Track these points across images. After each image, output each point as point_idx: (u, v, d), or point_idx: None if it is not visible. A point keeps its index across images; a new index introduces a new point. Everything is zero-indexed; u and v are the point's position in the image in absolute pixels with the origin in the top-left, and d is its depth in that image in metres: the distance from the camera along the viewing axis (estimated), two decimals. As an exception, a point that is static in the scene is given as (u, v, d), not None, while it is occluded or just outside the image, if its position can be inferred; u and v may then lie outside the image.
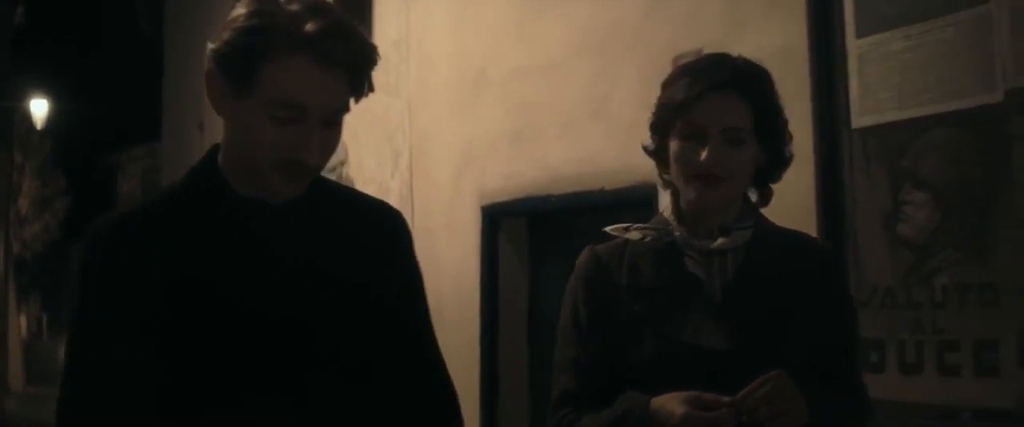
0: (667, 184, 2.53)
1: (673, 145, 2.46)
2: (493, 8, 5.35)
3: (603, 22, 4.78)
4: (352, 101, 2.02)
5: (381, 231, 2.20)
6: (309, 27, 1.93)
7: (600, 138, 4.76)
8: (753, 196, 2.55)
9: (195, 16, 15.43)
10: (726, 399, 2.25)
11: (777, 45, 3.88)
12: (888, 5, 3.75)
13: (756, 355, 2.37)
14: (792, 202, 3.74)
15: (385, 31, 6.72)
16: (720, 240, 2.46)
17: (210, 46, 2.00)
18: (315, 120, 1.97)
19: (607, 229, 2.61)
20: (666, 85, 2.50)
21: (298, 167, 2.00)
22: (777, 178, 2.54)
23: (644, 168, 4.64)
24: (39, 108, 25.58)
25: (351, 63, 1.97)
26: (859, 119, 3.83)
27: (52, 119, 26.63)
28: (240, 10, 1.99)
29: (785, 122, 2.49)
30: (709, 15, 4.26)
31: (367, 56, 2.00)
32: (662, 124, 2.51)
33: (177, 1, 17.33)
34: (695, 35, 4.31)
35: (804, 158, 3.72)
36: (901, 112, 3.73)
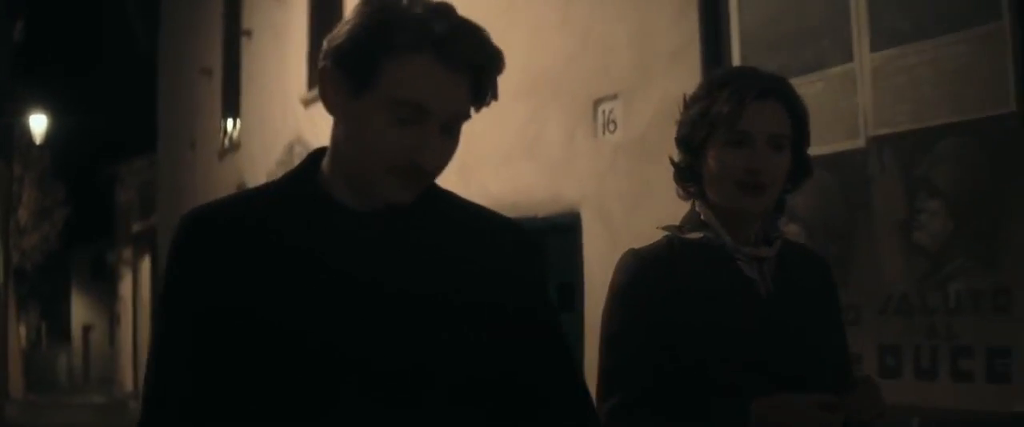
0: (689, 196, 2.52)
1: (715, 154, 2.45)
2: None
3: (534, 70, 5.40)
4: (472, 110, 1.91)
5: (500, 250, 1.99)
6: (437, 27, 1.85)
7: (533, 171, 5.41)
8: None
9: (188, 35, 15.54)
10: (838, 401, 2.27)
11: (677, 93, 4.38)
12: (903, 20, 3.91)
13: (807, 356, 2.39)
14: None
15: None
16: (763, 247, 2.47)
17: (327, 44, 1.89)
18: (436, 123, 1.86)
19: (660, 226, 2.60)
20: (699, 99, 2.49)
21: (416, 172, 1.88)
22: (798, 186, 2.56)
23: (569, 197, 5.21)
24: (38, 123, 25.36)
25: (477, 66, 1.88)
26: (875, 129, 3.99)
27: (51, 132, 26.60)
28: (363, 8, 1.89)
29: (809, 130, 2.53)
30: (621, 66, 4.87)
31: (493, 60, 1.90)
32: (700, 137, 2.48)
33: (171, 20, 17.39)
34: (610, 84, 4.96)
35: None
36: (916, 123, 3.86)
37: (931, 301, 3.76)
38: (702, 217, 2.48)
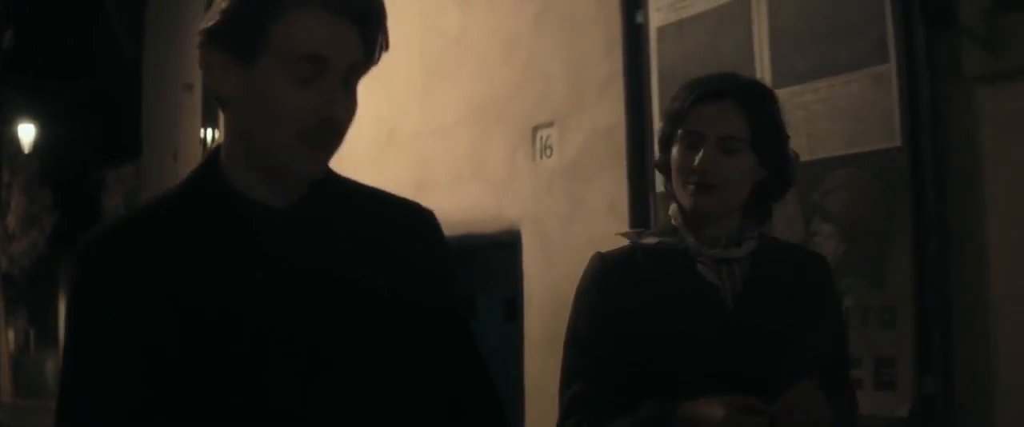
0: (671, 196, 2.54)
1: (673, 153, 2.48)
2: (401, 80, 6.26)
3: (480, 98, 5.72)
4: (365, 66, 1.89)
5: (405, 232, 2.00)
6: None
7: (478, 192, 5.67)
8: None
9: (170, 51, 15.55)
10: (763, 405, 2.26)
11: (605, 122, 4.84)
12: (800, 62, 4.11)
13: (771, 361, 2.38)
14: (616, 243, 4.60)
15: None
16: (733, 249, 2.47)
17: (202, 30, 1.85)
18: (336, 76, 1.83)
19: (620, 233, 2.65)
20: (672, 99, 2.53)
21: (325, 131, 1.84)
22: (778, 196, 2.59)
23: (511, 216, 5.50)
24: (27, 133, 25.52)
25: (363, 14, 1.84)
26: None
27: (39, 140, 26.53)
28: None
29: (785, 140, 2.52)
30: (558, 97, 5.19)
31: (378, 8, 1.87)
32: (666, 136, 2.53)
33: (155, 36, 17.43)
34: (548, 112, 5.27)
35: (619, 211, 4.78)
36: (812, 154, 3.97)
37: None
38: (672, 220, 2.52)
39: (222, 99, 1.85)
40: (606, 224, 4.81)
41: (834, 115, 3.91)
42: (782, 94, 3.90)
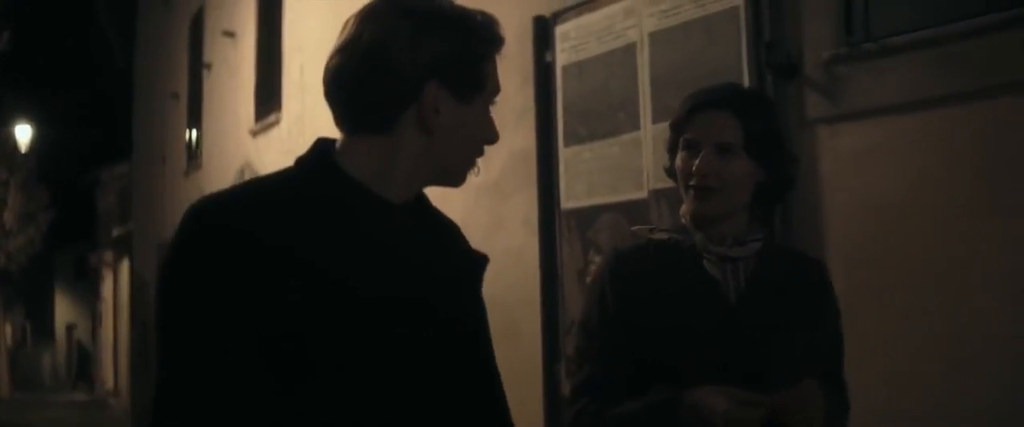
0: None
1: (677, 159, 2.53)
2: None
3: None
4: None
5: (463, 246, 2.05)
6: (494, 24, 1.93)
7: (440, 205, 6.19)
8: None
9: (159, 61, 16.04)
10: (764, 398, 2.25)
11: (520, 147, 5.14)
12: (581, 128, 4.70)
13: (769, 356, 2.40)
14: (527, 258, 5.22)
15: (289, 107, 8.18)
16: (737, 247, 2.49)
17: (424, 74, 1.84)
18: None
19: (634, 228, 2.68)
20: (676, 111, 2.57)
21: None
22: (778, 197, 2.64)
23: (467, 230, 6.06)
24: (24, 134, 25.62)
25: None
26: (565, 203, 4.87)
27: (36, 139, 26.52)
28: (431, 23, 1.86)
29: (780, 143, 2.53)
30: None
31: None
32: (671, 144, 2.57)
33: (145, 45, 17.88)
34: None
35: (531, 225, 5.04)
36: (590, 200, 4.66)
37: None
38: (682, 219, 2.55)
39: (426, 128, 1.86)
40: (522, 236, 5.35)
41: (603, 169, 4.33)
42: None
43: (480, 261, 2.01)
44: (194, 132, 13.33)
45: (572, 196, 4.98)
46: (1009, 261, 3.23)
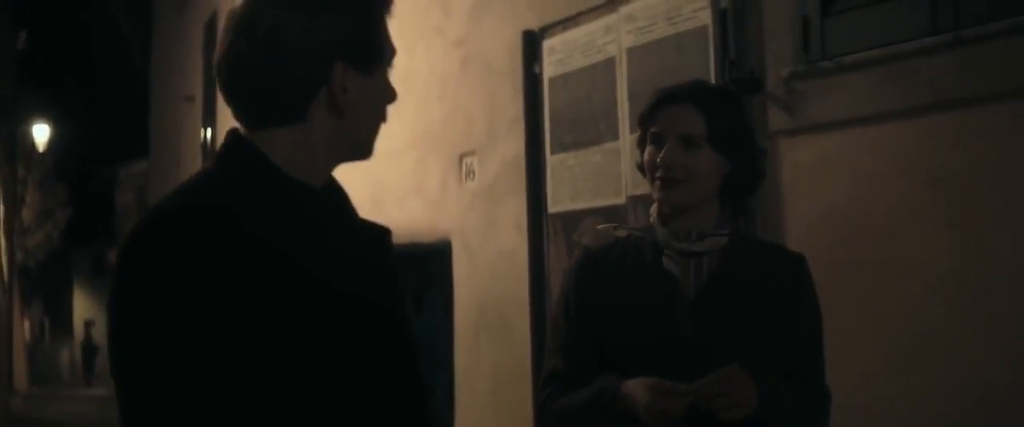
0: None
1: (645, 153, 2.58)
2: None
3: (421, 129, 6.30)
4: None
5: (364, 221, 1.98)
6: None
7: (419, 207, 6.26)
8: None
9: (175, 62, 16.19)
10: (684, 387, 2.32)
11: (512, 154, 5.35)
12: (566, 136, 4.90)
13: (718, 347, 2.44)
14: (517, 259, 5.45)
15: None
16: (699, 242, 2.52)
17: (321, 40, 1.79)
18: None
19: (598, 227, 2.86)
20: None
21: None
22: (748, 189, 2.65)
23: (443, 229, 6.14)
24: (41, 133, 25.61)
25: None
26: (552, 207, 5.05)
27: (54, 137, 26.46)
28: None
29: (746, 136, 2.58)
30: (477, 131, 5.75)
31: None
32: (640, 139, 2.62)
33: (161, 47, 18.00)
34: (470, 143, 5.86)
35: (522, 227, 5.21)
36: (574, 205, 4.85)
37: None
38: (651, 217, 2.61)
39: (338, 110, 1.83)
40: (513, 238, 5.57)
41: (586, 176, 4.48)
42: (555, 159, 4.92)
43: (384, 233, 1.96)
44: (209, 131, 13.42)
45: (558, 201, 5.18)
46: (955, 267, 3.37)
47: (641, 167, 2.61)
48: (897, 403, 3.53)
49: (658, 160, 2.50)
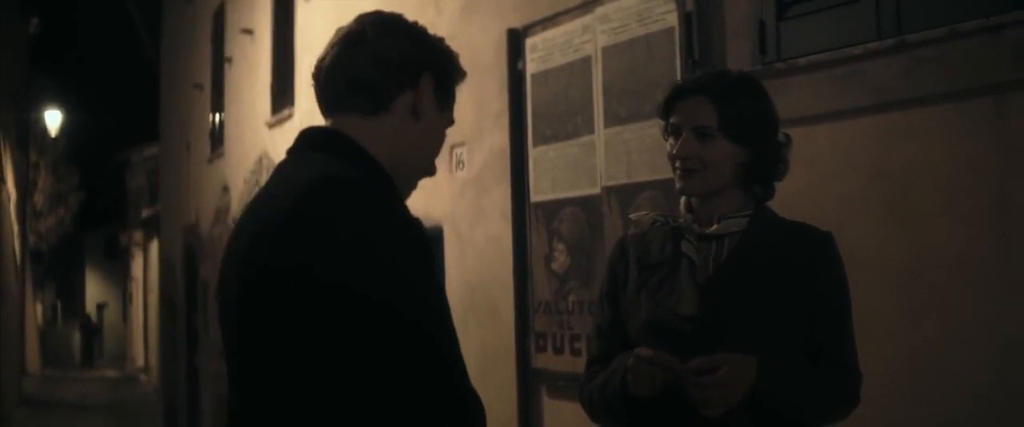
0: None
1: (668, 144, 2.60)
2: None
3: None
4: None
5: None
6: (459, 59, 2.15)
7: (415, 195, 6.51)
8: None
9: (184, 51, 16.38)
10: (669, 360, 2.37)
11: (498, 145, 5.54)
12: (547, 130, 5.08)
13: (726, 328, 2.45)
14: (503, 245, 5.67)
15: (301, 103, 8.57)
16: (714, 226, 2.55)
17: (418, 64, 2.06)
18: None
19: (631, 215, 2.79)
20: None
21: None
22: (769, 175, 2.64)
23: (437, 216, 6.25)
24: (53, 119, 25.62)
25: None
26: (533, 197, 5.23)
27: (66, 122, 26.29)
28: (426, 36, 2.11)
29: (761, 124, 2.59)
30: (466, 122, 5.91)
31: None
32: (664, 130, 2.64)
33: (171, 35, 18.19)
34: (460, 134, 6.06)
35: (507, 215, 5.38)
36: (554, 194, 5.03)
37: (560, 306, 5.05)
38: (682, 201, 2.64)
39: (416, 114, 2.07)
40: (499, 226, 5.77)
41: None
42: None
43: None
44: (218, 117, 13.57)
45: (540, 191, 5.38)
46: (898, 260, 3.51)
47: (671, 156, 2.62)
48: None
49: (676, 151, 2.54)
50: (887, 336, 3.54)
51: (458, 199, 6.29)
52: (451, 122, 2.18)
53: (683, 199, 2.63)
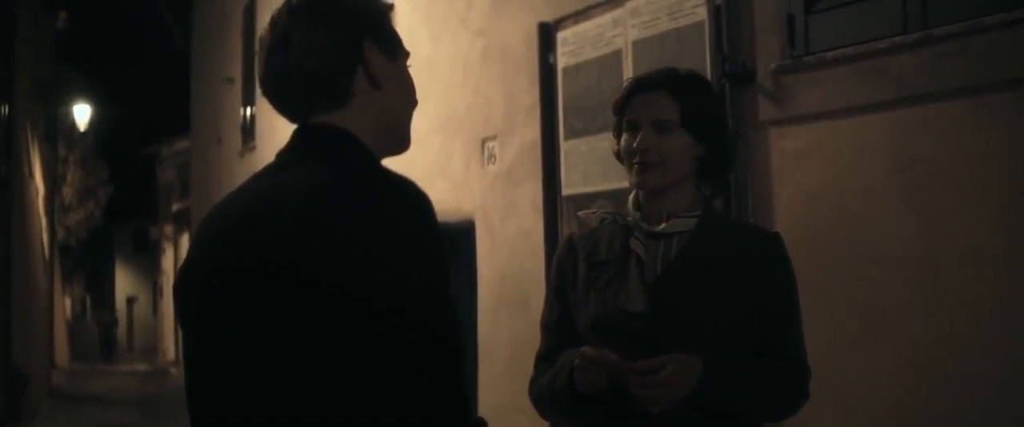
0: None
1: (621, 140, 2.59)
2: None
3: (445, 114, 6.55)
4: None
5: None
6: None
7: (445, 189, 6.45)
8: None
9: (215, 45, 16.47)
10: (612, 359, 2.36)
11: (529, 139, 5.60)
12: (578, 123, 5.14)
13: (671, 326, 2.43)
14: (534, 238, 5.75)
15: None
16: (663, 224, 2.53)
17: (359, 37, 1.95)
18: None
19: (579, 213, 2.83)
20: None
21: None
22: (721, 170, 2.64)
23: (467, 209, 6.30)
24: (82, 113, 25.56)
25: None
26: (565, 190, 5.29)
27: (95, 115, 26.43)
28: (342, 5, 1.97)
29: (717, 119, 2.60)
30: (498, 116, 6.00)
31: None
32: (615, 126, 2.63)
33: (202, 29, 18.29)
34: (492, 128, 6.10)
35: (538, 209, 5.44)
36: (585, 188, 5.09)
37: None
38: (630, 199, 2.62)
39: (375, 83, 1.96)
40: (530, 219, 5.83)
41: (596, 161, 4.64)
42: (569, 144, 5.02)
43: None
44: (249, 110, 13.63)
45: (571, 184, 5.43)
46: (917, 253, 3.56)
47: (618, 154, 2.63)
48: (862, 373, 3.73)
49: (634, 145, 2.52)
50: (905, 327, 3.59)
51: (489, 193, 6.34)
52: (407, 55, 2.07)
53: (631, 196, 2.63)
